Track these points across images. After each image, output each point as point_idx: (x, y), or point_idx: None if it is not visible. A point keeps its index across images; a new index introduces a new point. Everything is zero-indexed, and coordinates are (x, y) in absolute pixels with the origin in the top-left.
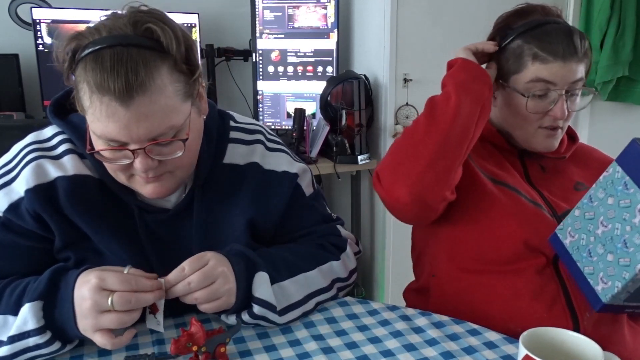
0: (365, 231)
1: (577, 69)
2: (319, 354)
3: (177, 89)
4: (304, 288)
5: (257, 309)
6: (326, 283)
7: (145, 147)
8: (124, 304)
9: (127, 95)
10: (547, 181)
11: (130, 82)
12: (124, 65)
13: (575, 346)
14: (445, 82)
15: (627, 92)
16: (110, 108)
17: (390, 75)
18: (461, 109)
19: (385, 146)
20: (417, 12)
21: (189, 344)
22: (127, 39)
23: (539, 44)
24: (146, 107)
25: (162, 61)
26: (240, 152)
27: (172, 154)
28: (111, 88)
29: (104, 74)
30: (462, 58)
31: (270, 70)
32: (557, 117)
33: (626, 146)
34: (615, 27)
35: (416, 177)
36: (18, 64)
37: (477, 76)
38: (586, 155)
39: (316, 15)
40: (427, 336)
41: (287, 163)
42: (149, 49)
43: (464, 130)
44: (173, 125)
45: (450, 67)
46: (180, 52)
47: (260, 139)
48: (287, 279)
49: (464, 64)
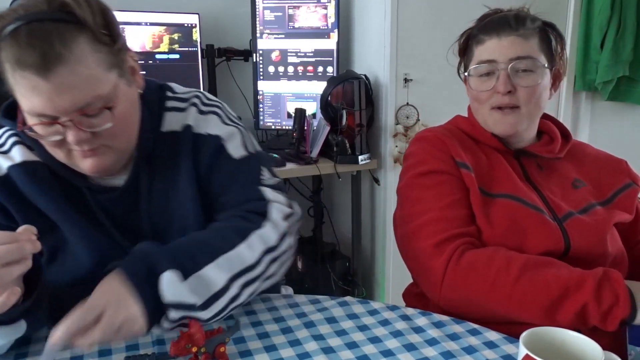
0: (366, 231)
1: (519, 44)
2: (319, 354)
3: (99, 59)
4: (226, 271)
5: (174, 313)
6: (253, 258)
7: (73, 118)
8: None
9: (44, 68)
10: (546, 179)
11: (46, 54)
12: (39, 39)
13: (575, 346)
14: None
15: (628, 92)
16: (31, 82)
17: (391, 75)
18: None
19: (386, 146)
20: (417, 12)
21: (188, 345)
22: (41, 14)
23: (478, 31)
24: (66, 77)
25: (79, 32)
26: (176, 119)
27: (102, 125)
28: (28, 62)
29: (21, 50)
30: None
31: (270, 71)
32: (499, 92)
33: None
34: (616, 27)
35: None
36: None
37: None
38: (580, 151)
39: (316, 15)
40: (427, 336)
41: (215, 126)
42: (65, 22)
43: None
44: (98, 95)
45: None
46: (96, 23)
47: (194, 102)
48: (206, 266)
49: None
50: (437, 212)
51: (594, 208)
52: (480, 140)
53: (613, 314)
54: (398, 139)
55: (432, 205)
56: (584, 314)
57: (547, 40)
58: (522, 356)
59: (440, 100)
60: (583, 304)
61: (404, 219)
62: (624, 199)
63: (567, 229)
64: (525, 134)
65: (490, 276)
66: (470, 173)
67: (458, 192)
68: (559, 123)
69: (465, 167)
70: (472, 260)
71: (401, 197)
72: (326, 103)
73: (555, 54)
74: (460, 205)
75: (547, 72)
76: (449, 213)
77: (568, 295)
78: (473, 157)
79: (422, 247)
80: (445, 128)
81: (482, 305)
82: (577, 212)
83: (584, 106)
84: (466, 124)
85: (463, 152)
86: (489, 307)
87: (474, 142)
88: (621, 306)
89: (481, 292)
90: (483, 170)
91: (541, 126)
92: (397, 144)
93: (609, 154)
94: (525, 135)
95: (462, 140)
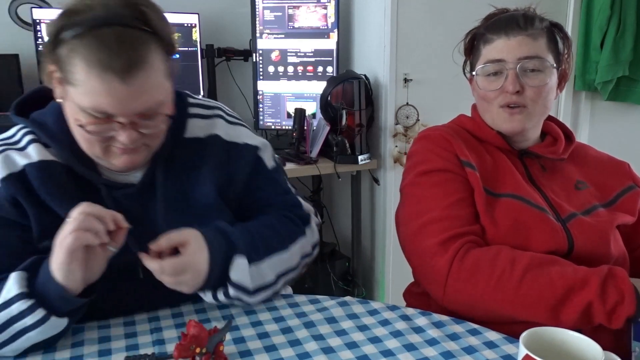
0: (366, 231)
1: (527, 44)
2: (319, 354)
3: (164, 67)
4: (276, 268)
5: (233, 291)
6: (296, 262)
7: (133, 120)
8: (81, 219)
9: (127, 73)
10: (549, 180)
11: (131, 60)
12: (125, 44)
13: (575, 346)
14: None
15: (628, 92)
16: (109, 84)
17: (391, 75)
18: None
19: (386, 146)
20: (417, 12)
21: (192, 346)
22: (124, 18)
23: (486, 30)
24: (142, 83)
25: (154, 41)
26: (200, 126)
27: (155, 128)
28: (112, 65)
29: (107, 52)
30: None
31: (270, 70)
32: (508, 91)
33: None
34: (616, 27)
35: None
36: (18, 64)
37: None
38: (582, 153)
39: (316, 15)
40: (427, 336)
41: (247, 136)
42: (144, 30)
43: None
44: (160, 100)
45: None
46: (166, 34)
47: (219, 113)
48: (264, 260)
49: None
50: (442, 211)
51: (597, 210)
52: (484, 140)
53: (618, 311)
54: (398, 139)
55: (436, 204)
56: (589, 312)
57: (554, 41)
58: (522, 356)
59: (440, 100)
60: (588, 302)
61: (407, 217)
62: (627, 201)
63: (571, 230)
64: (530, 134)
65: (495, 275)
66: (475, 172)
67: (462, 190)
68: (562, 124)
69: (470, 166)
70: (476, 259)
71: (404, 195)
72: (326, 103)
73: (562, 54)
74: (465, 204)
75: (554, 72)
76: (454, 211)
77: (573, 293)
78: (477, 156)
79: (426, 245)
80: (449, 127)
81: (486, 303)
82: (580, 213)
83: (583, 106)
84: (470, 123)
85: (467, 151)
86: (493, 306)
87: (478, 142)
88: (626, 304)
89: (486, 291)
90: (487, 169)
91: (544, 127)
92: (397, 144)
93: (611, 156)
94: (529, 135)
95: (467, 139)
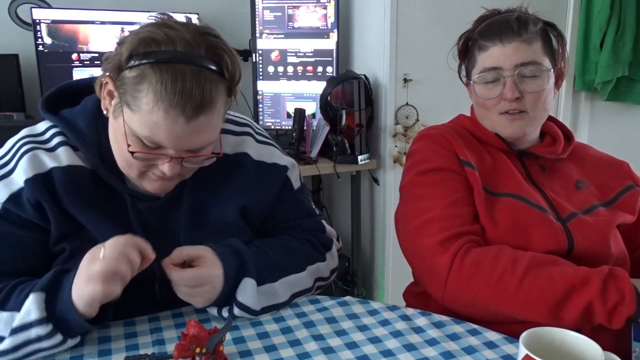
0: (366, 231)
1: (523, 50)
2: (319, 354)
3: (223, 110)
4: (291, 288)
5: (237, 311)
6: (310, 284)
7: (182, 155)
8: (114, 252)
9: (193, 114)
10: (549, 180)
11: (200, 103)
12: (199, 86)
13: (575, 346)
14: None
15: (627, 92)
16: (172, 120)
17: (390, 75)
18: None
19: (385, 146)
20: (417, 12)
21: (192, 346)
22: (202, 60)
23: (480, 36)
24: (203, 125)
25: (223, 85)
26: (228, 142)
27: (199, 164)
28: (183, 105)
29: (180, 91)
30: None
31: (270, 70)
32: (507, 99)
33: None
34: (615, 27)
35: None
36: (18, 64)
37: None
38: (582, 153)
39: (316, 15)
40: (427, 336)
41: (277, 156)
42: (217, 73)
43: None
44: (212, 141)
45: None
46: (235, 78)
47: (249, 131)
48: (278, 281)
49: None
50: (442, 210)
51: (597, 209)
52: (484, 140)
53: (619, 311)
54: (397, 139)
55: (436, 203)
56: (589, 312)
57: (549, 42)
58: (522, 356)
59: (439, 100)
60: (588, 302)
61: (407, 216)
62: (627, 200)
63: (571, 229)
64: (529, 135)
65: (496, 274)
66: (475, 172)
67: (462, 190)
68: (562, 124)
69: (470, 166)
70: (477, 258)
71: (404, 194)
72: (326, 103)
73: (557, 54)
74: (465, 203)
75: (551, 75)
76: (454, 211)
77: (573, 293)
78: (477, 156)
79: (426, 245)
80: (449, 126)
81: (486, 303)
82: (580, 212)
83: (583, 106)
84: (470, 123)
85: (467, 150)
86: (494, 306)
87: (478, 142)
88: (627, 304)
89: (486, 291)
90: (487, 169)
91: (543, 127)
92: (397, 144)
93: (611, 155)
94: (529, 137)
95: (466, 139)
